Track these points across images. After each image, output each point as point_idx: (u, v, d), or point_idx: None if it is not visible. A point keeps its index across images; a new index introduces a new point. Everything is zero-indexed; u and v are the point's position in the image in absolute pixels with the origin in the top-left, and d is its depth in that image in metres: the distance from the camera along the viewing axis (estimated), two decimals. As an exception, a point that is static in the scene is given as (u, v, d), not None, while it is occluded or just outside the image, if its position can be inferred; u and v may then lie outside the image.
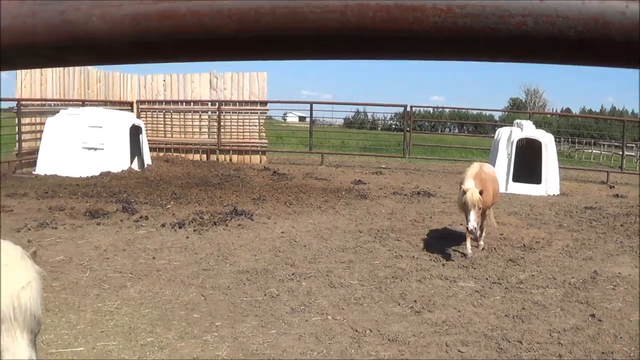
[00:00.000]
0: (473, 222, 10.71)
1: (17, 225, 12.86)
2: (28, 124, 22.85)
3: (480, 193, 10.77)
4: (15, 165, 21.80)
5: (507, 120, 44.27)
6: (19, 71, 22.41)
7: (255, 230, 13.17)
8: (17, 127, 22.18)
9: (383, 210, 15.98)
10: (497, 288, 9.90)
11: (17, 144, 22.32)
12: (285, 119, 74.74)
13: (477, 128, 58.03)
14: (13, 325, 2.82)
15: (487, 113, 66.88)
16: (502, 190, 19.04)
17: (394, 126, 62.05)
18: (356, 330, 8.06)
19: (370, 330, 8.10)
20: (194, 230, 12.98)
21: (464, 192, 10.93)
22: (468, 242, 11.57)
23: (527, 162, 19.99)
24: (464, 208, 11.03)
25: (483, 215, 11.77)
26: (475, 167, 11.84)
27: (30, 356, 2.83)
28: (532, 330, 8.12)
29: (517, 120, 21.81)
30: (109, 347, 7.23)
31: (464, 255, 11.42)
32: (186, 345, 7.44)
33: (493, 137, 23.59)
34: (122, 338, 7.50)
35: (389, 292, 9.58)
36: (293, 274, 10.17)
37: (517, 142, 20.08)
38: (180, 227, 13.16)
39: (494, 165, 19.80)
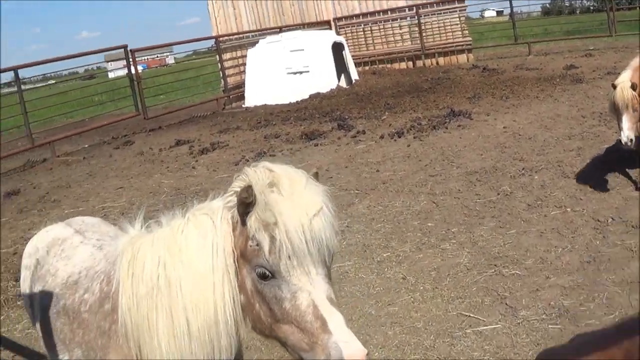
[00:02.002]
0: (627, 132, 7.70)
1: (234, 158, 13.23)
2: (229, 59, 23.46)
3: (634, 88, 7.66)
4: (224, 101, 22.55)
5: None
6: (211, 9, 23.05)
7: (477, 129, 12.61)
8: (219, 64, 22.87)
9: (602, 92, 14.56)
10: None
11: (221, 80, 23.05)
12: (483, 16, 71.81)
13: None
14: (306, 260, 2.47)
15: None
16: None
17: (591, 7, 57.55)
18: (598, 220, 7.45)
19: (612, 218, 7.46)
20: (414, 137, 12.66)
21: (614, 89, 7.96)
22: None
23: None
24: (615, 111, 8.01)
25: None
26: None
27: (328, 293, 2.47)
28: None
29: None
30: (345, 267, 7.22)
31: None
32: (424, 256, 7.25)
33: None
34: (357, 257, 7.45)
35: (627, 177, 8.81)
36: (523, 169, 9.60)
37: None
38: (399, 136, 12.90)
39: None
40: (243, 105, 21.59)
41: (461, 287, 6.37)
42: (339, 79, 21.94)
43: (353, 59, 24.17)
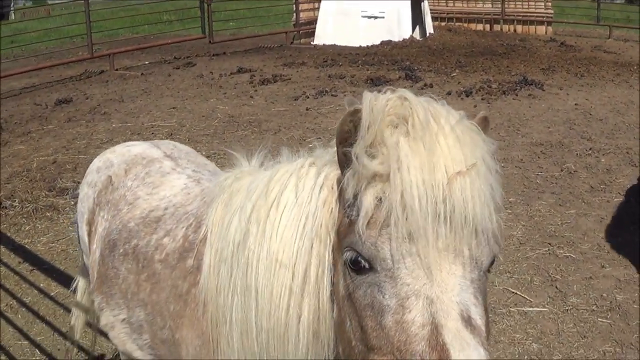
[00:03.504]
0: None
1: (294, 93, 12.58)
2: (305, -6, 22.42)
3: None
4: (293, 35, 21.62)
5: None
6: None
7: (547, 101, 11.74)
8: (294, -2, 22.01)
9: (680, 88, 13.74)
10: None
11: (294, 14, 22.05)
12: (566, -7, 69.15)
13: None
14: (431, 245, 1.43)
15: None
16: None
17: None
18: (664, 216, 6.80)
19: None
20: (482, 99, 11.87)
21: None
22: None
23: None
24: None
25: None
26: None
27: (465, 307, 1.41)
28: None
29: None
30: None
31: None
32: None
33: None
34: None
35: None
36: (590, 149, 8.84)
37: None
38: (467, 96, 12.11)
39: None
40: (312, 42, 20.80)
41: (511, 261, 5.80)
42: (413, 30, 21.00)
43: (431, 13, 23.09)
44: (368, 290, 1.48)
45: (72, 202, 7.39)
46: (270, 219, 1.81)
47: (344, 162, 1.59)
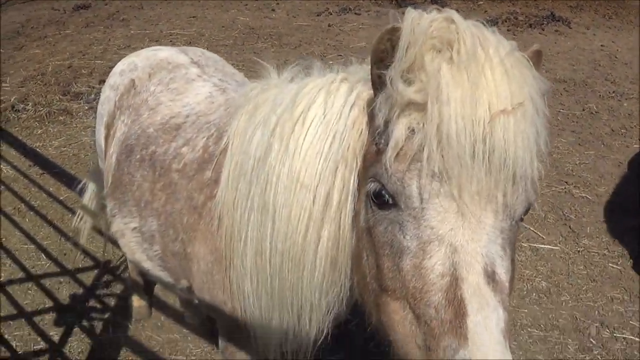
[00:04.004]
0: None
1: (317, 8, 12.16)
2: None
3: None
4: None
5: None
6: None
7: (574, 39, 11.34)
8: None
9: None
10: None
11: None
12: None
13: None
14: (465, 187, 1.29)
15: None
16: None
17: None
18: (683, 165, 6.63)
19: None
20: (508, 30, 11.49)
21: None
22: None
23: None
24: None
25: None
26: None
27: (490, 261, 1.31)
28: None
29: None
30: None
31: None
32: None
33: None
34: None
35: None
36: (614, 92, 8.55)
37: None
38: (492, 25, 11.67)
39: None
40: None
41: (526, 196, 5.68)
42: (441, -45, 20.41)
43: (460, -61, 22.41)
44: (389, 228, 1.38)
45: (86, 107, 7.27)
46: (295, 135, 1.68)
47: (378, 84, 1.45)
